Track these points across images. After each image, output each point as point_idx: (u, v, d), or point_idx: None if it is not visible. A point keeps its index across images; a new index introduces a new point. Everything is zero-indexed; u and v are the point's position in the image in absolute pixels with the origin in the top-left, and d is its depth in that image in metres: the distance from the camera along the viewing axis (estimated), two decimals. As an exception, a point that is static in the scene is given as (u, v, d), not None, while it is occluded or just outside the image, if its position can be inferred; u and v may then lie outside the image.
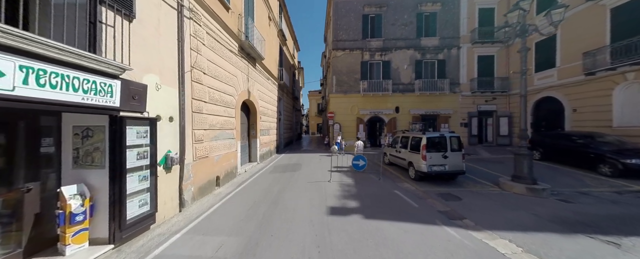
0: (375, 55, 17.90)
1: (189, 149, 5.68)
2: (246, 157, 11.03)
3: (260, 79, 12.11)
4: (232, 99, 8.36)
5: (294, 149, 18.50)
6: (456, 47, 17.57)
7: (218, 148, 7.24)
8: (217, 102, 7.20)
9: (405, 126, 17.34)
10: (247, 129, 11.11)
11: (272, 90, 14.64)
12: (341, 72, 18.04)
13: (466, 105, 17.55)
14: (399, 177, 8.57)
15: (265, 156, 12.97)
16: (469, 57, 17.57)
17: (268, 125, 13.50)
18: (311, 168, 10.28)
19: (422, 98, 17.48)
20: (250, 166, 10.38)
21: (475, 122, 17.50)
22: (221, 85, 7.51)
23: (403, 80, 17.75)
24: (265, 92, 12.92)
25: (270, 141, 13.95)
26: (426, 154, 7.60)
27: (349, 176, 8.55)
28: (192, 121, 5.87)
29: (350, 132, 17.76)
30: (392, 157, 10.32)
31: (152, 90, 4.50)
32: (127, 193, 3.76)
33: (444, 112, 17.43)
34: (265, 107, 12.89)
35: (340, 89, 18.04)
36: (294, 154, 15.61)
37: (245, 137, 10.83)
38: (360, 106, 17.77)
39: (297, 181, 8.00)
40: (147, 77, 4.40)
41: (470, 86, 17.48)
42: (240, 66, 9.23)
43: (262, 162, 11.91)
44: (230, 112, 8.21)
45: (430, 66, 17.78)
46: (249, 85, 10.31)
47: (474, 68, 17.54)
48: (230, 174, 8.13)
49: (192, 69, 5.89)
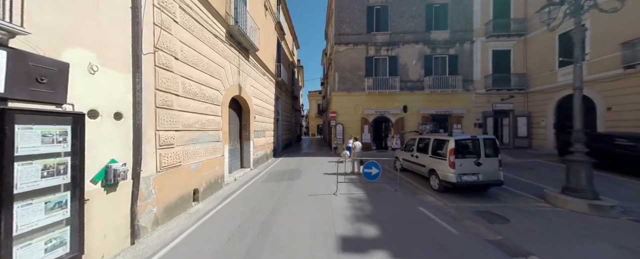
0: (381, 50, 16.50)
1: (149, 157, 4.24)
2: (237, 162, 9.58)
3: (254, 74, 10.70)
4: (217, 94, 6.93)
5: (293, 152, 17.06)
6: (469, 41, 16.19)
7: (197, 154, 5.80)
8: (195, 96, 5.77)
9: (414, 126, 15.93)
10: (238, 130, 9.68)
11: (268, 87, 13.22)
12: (344, 68, 16.64)
13: (480, 104, 16.14)
14: (418, 188, 7.13)
15: (260, 160, 11.53)
16: (483, 52, 16.18)
17: (263, 126, 12.07)
18: (312, 176, 8.83)
19: (433, 96, 16.07)
20: (241, 173, 8.93)
21: (491, 122, 16.08)
22: (202, 76, 6.08)
23: (411, 77, 16.34)
24: (260, 89, 11.50)
25: (266, 144, 12.51)
26: (455, 160, 6.16)
27: (358, 186, 7.11)
28: (157, 119, 4.44)
29: (354, 133, 16.28)
30: (406, 162, 8.88)
31: (82, 72, 3.07)
32: (16, 233, 2.32)
33: (456, 112, 16.02)
34: (260, 105, 11.46)
35: (343, 86, 16.63)
36: (293, 157, 14.16)
37: (236, 140, 9.39)
38: (365, 105, 16.35)
39: (296, 193, 6.55)
40: (72, 52, 2.97)
41: (484, 83, 16.08)
42: (228, 56, 7.81)
43: (256, 168, 10.47)
44: (214, 110, 6.78)
45: (441, 61, 16.39)
46: (240, 79, 8.89)
47: (489, 64, 16.16)
48: (214, 184, 6.68)
49: (157, 51, 4.46)
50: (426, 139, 7.65)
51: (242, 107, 9.89)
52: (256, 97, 10.88)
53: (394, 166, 9.92)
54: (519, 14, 15.98)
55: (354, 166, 9.47)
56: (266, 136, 12.67)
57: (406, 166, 9.02)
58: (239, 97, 9.18)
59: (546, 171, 8.99)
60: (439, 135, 7.27)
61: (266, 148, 12.63)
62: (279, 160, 13.11)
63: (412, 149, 8.60)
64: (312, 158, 13.70)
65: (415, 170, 8.30)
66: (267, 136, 12.78)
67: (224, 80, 7.47)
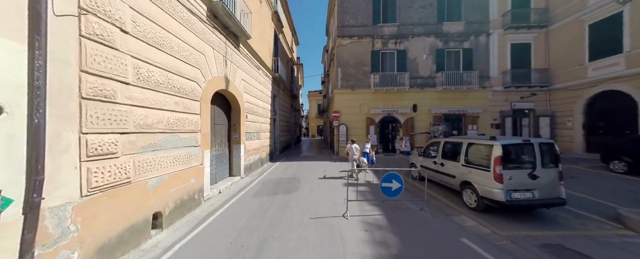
0: (389, 44, 15.04)
1: (67, 175, 2.75)
2: (225, 170, 8.09)
3: (247, 67, 9.22)
4: (193, 87, 5.46)
5: (292, 156, 15.56)
6: (485, 33, 14.74)
7: (159, 164, 4.31)
8: (159, 86, 4.29)
9: (425, 127, 14.47)
10: (226, 131, 8.19)
11: (263, 83, 11.74)
12: (348, 63, 15.17)
13: (498, 102, 14.68)
14: (449, 206, 5.64)
15: (254, 166, 10.04)
16: (500, 46, 14.74)
17: (257, 126, 10.58)
18: (313, 186, 7.34)
19: (445, 94, 14.60)
20: (228, 183, 7.44)
21: (510, 123, 14.62)
22: (170, 61, 4.60)
23: (422, 73, 14.88)
24: (253, 84, 10.02)
25: (260, 147, 11.02)
26: (503, 172, 4.68)
27: (373, 204, 5.61)
28: (83, 115, 2.95)
29: (359, 135, 14.82)
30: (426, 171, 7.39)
31: None
32: None
33: (471, 111, 14.55)
34: (253, 103, 9.98)
35: (347, 83, 15.16)
36: (292, 162, 12.67)
37: (223, 144, 7.90)
38: (371, 104, 14.88)
39: (293, 214, 5.06)
40: None
41: (502, 80, 14.63)
42: (211, 41, 6.34)
43: (248, 176, 8.97)
44: (190, 106, 5.30)
45: (455, 56, 14.93)
46: (228, 71, 7.42)
47: (507, 58, 14.71)
48: (188, 202, 5.19)
49: (84, 14, 2.98)
50: (456, 143, 6.18)
51: (231, 104, 8.40)
52: (249, 94, 9.40)
53: (410, 175, 8.47)
54: (540, 3, 14.56)
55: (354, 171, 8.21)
56: (261, 138, 11.18)
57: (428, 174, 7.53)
58: (226, 93, 7.71)
59: (595, 181, 7.51)
60: (475, 138, 5.79)
61: (261, 152, 11.14)
62: (276, 165, 11.62)
63: (433, 155, 7.13)
64: (312, 163, 12.21)
65: (439, 181, 6.81)
66: (262, 138, 11.30)
67: (205, 69, 5.99)
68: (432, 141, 7.69)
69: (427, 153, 7.63)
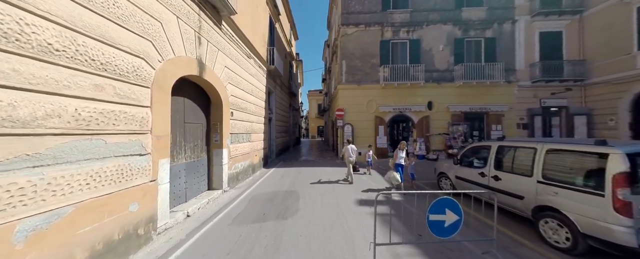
0: (400, 32, 13.24)
1: None
2: (201, 182, 6.23)
3: (233, 52, 7.39)
4: (138, 65, 3.62)
5: (290, 160, 13.71)
6: (510, 20, 12.96)
7: (51, 191, 2.47)
8: (51, 53, 2.46)
9: (442, 127, 12.64)
10: (203, 132, 6.34)
11: (256, 76, 9.91)
12: (353, 55, 13.35)
13: (525, 99, 12.87)
14: (520, 242, 3.80)
15: (243, 174, 8.20)
16: (527, 34, 12.95)
17: (247, 126, 8.74)
18: (317, 206, 5.49)
19: (465, 90, 12.80)
20: (204, 201, 5.59)
21: (539, 122, 12.81)
22: (84, 15, 2.77)
23: (438, 65, 13.07)
24: (242, 75, 8.19)
25: (251, 151, 9.17)
26: (633, 199, 2.85)
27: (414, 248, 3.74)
28: None
29: (366, 136, 13.02)
30: (464, 183, 5.58)
31: None
32: None
33: (495, 109, 12.74)
34: (241, 98, 8.14)
35: (352, 78, 13.34)
36: (289, 168, 10.81)
37: (198, 148, 6.05)
38: (380, 101, 13.06)
39: (288, 263, 3.21)
40: None
41: (530, 73, 12.84)
42: (176, 6, 4.53)
43: (234, 188, 7.12)
44: (128, 94, 3.46)
45: (475, 46, 13.13)
46: (204, 52, 5.59)
47: (535, 49, 12.91)
48: (123, 243, 3.33)
49: None
50: (522, 149, 4.33)
51: (211, 97, 6.56)
52: (235, 86, 7.57)
53: (439, 186, 6.65)
54: (573, -14, 12.78)
55: (350, 173, 7.79)
56: (253, 140, 9.34)
57: (463, 187, 5.72)
58: (202, 82, 5.87)
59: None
60: (561, 142, 3.92)
61: (252, 157, 9.29)
62: (271, 172, 9.77)
63: (478, 164, 5.30)
64: (313, 169, 10.36)
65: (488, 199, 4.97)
66: (253, 140, 9.45)
67: (162, 43, 4.16)
68: (475, 144, 5.84)
69: (466, 161, 5.80)
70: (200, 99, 6.24)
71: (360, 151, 13.03)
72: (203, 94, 6.35)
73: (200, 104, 6.20)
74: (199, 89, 6.13)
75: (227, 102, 6.85)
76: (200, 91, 6.22)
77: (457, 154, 6.20)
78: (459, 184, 5.93)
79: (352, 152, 7.97)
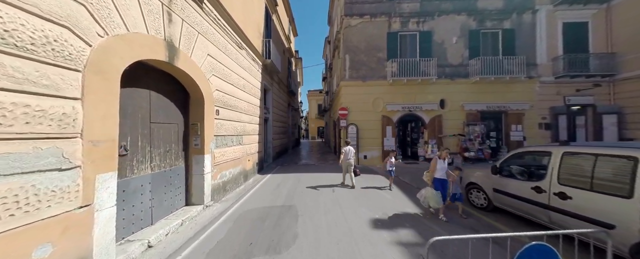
0: (409, 24, 12.06)
1: None
2: (177, 197, 5.01)
3: (219, 40, 6.19)
4: (56, 35, 2.42)
5: (289, 164, 12.49)
6: (530, 10, 11.78)
7: None
8: None
9: (457, 127, 11.44)
10: (179, 135, 5.13)
11: (249, 69, 8.71)
12: (358, 49, 12.17)
13: (547, 96, 11.69)
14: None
15: (232, 184, 6.98)
16: (549, 25, 11.77)
17: (238, 127, 7.53)
18: (321, 231, 4.27)
19: (482, 86, 11.61)
20: (175, 223, 4.37)
21: (564, 122, 11.61)
22: None
23: (451, 60, 11.89)
24: (231, 66, 6.99)
25: (243, 155, 7.96)
26: None
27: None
28: None
29: (373, 137, 11.83)
30: (508, 198, 4.38)
31: None
32: None
33: (514, 108, 11.55)
34: (231, 94, 6.94)
35: (357, 74, 12.15)
36: (287, 174, 9.60)
37: (171, 155, 4.83)
38: (387, 99, 11.86)
39: None
40: None
41: (552, 68, 11.65)
42: (126, -38, 3.33)
43: (220, 201, 5.91)
44: (34, 75, 2.26)
45: (492, 38, 11.96)
46: (176, 32, 4.40)
47: (558, 41, 11.74)
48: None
49: None
50: (606, 158, 3.13)
51: (189, 92, 5.35)
52: (222, 79, 6.37)
53: (468, 199, 5.46)
54: (601, -29, 11.61)
55: (349, 178, 7.23)
56: (244, 143, 8.13)
57: (505, 203, 4.53)
58: (176, 71, 4.67)
59: None
60: None
61: (244, 162, 8.07)
62: (266, 179, 8.56)
63: (532, 177, 4.11)
64: (314, 176, 9.15)
65: (547, 222, 3.75)
66: (246, 143, 8.24)
67: (104, 10, 2.96)
68: (523, 149, 4.61)
69: (509, 170, 4.60)
70: (176, 94, 5.03)
71: (366, 154, 11.88)
72: (179, 88, 5.15)
73: (175, 99, 4.99)
74: (172, 81, 4.93)
75: (210, 97, 5.65)
76: (175, 84, 5.02)
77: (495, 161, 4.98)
78: (498, 199, 4.72)
79: (351, 154, 7.35)
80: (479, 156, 10.79)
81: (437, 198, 4.54)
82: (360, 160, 11.71)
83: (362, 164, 11.54)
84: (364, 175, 9.17)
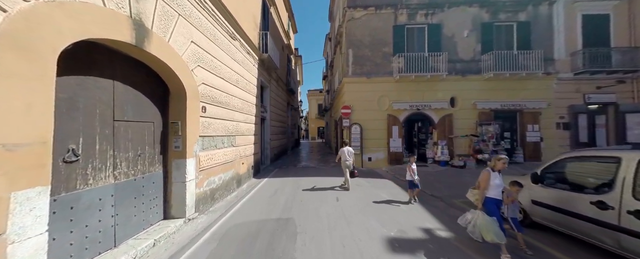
0: (417, 16, 11.25)
1: None
2: (152, 210, 4.18)
3: (206, 26, 5.38)
4: None
5: (287, 167, 11.67)
6: (547, 1, 10.99)
7: None
8: None
9: (469, 127, 10.64)
10: (156, 135, 4.31)
11: (243, 63, 7.91)
12: (361, 43, 11.36)
13: (565, 94, 10.88)
14: None
15: (223, 190, 6.16)
16: (568, 18, 10.97)
17: (230, 126, 6.72)
18: (325, 256, 3.44)
19: (495, 83, 10.80)
20: (146, 244, 3.55)
21: (584, 121, 10.80)
22: None
23: (462, 55, 11.08)
24: (222, 58, 6.18)
25: (235, 158, 7.13)
26: None
27: None
28: None
29: (378, 138, 11.03)
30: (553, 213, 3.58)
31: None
32: None
33: (530, 106, 10.73)
34: (221, 89, 6.12)
35: (361, 70, 11.34)
36: (286, 178, 8.78)
37: (144, 160, 4.01)
38: (393, 97, 11.05)
39: None
40: None
41: (571, 64, 10.85)
42: None
43: (207, 213, 5.08)
44: None
45: (506, 32, 11.15)
46: (148, 11, 3.60)
47: (577, 35, 10.94)
48: None
49: None
50: None
51: (169, 85, 4.53)
52: (211, 71, 5.55)
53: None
54: (623, -41, 10.82)
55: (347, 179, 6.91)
56: (238, 144, 7.31)
57: (548, 219, 3.71)
58: (149, 58, 3.85)
59: None
60: None
61: (237, 166, 7.25)
62: (262, 184, 7.74)
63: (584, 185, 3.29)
64: (315, 180, 8.33)
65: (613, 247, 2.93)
66: (239, 144, 7.42)
67: (26, -36, 2.13)
68: (574, 153, 3.78)
69: (553, 178, 3.78)
70: (151, 87, 4.21)
71: (370, 155, 11.06)
72: (156, 80, 4.33)
73: (149, 93, 4.17)
74: (147, 71, 4.11)
75: (194, 92, 4.83)
76: (151, 75, 4.20)
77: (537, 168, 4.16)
78: (539, 213, 3.91)
79: (349, 155, 7.11)
80: (493, 158, 9.94)
81: (494, 227, 3.18)
82: (364, 162, 10.90)
83: (366, 167, 10.73)
84: (370, 179, 8.36)
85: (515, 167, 9.72)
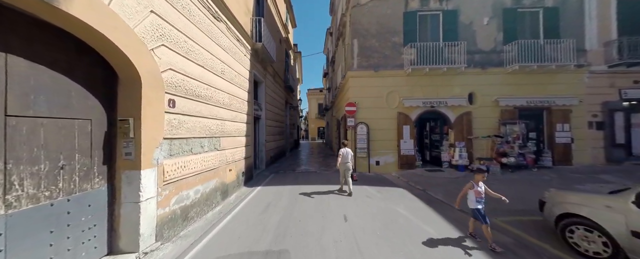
0: (430, 1, 10.01)
1: None
2: (90, 243, 2.94)
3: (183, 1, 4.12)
4: None
5: (285, 171, 10.40)
6: (577, -16, 9.73)
7: None
8: None
9: (490, 127, 9.40)
10: (95, 137, 3.06)
11: (231, 51, 6.66)
12: (368, 32, 10.11)
13: (598, 89, 9.65)
14: None
15: (202, 205, 4.91)
16: (600, 3, 9.75)
17: (210, 126, 5.46)
18: None
19: (520, 77, 9.57)
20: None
21: (620, 120, 9.56)
22: None
23: (481, 45, 9.84)
24: (199, 40, 4.92)
25: (220, 165, 5.87)
26: None
27: None
28: None
29: (386, 139, 9.79)
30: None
31: None
32: None
33: (559, 103, 9.49)
34: (198, 78, 4.86)
35: (367, 62, 10.09)
36: (283, 187, 7.52)
37: (70, 175, 2.76)
38: (404, 92, 9.81)
39: None
40: None
41: (604, 55, 9.62)
42: None
43: (174, 240, 3.83)
44: None
45: (531, 19, 9.91)
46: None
47: (611, 22, 9.71)
48: None
49: None
50: None
51: (115, 67, 3.27)
52: (182, 55, 4.29)
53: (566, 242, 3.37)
54: (663, -63, 9.57)
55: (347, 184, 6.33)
56: (223, 148, 6.05)
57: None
58: (68, 22, 2.58)
59: None
60: None
61: (222, 174, 5.98)
62: (253, 196, 6.48)
63: None
64: (317, 188, 7.07)
65: None
66: (225, 148, 6.16)
67: None
68: None
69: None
70: (86, 69, 2.96)
71: (378, 159, 9.82)
72: (94, 60, 3.07)
73: (83, 77, 2.92)
74: (78, 46, 2.85)
75: (156, 78, 3.57)
76: (86, 52, 2.95)
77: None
78: (623, 239, 2.67)
79: (349, 157, 6.44)
80: (520, 162, 8.73)
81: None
82: (372, 166, 9.66)
83: (374, 172, 9.50)
84: (380, 188, 7.11)
85: (546, 172, 8.49)
